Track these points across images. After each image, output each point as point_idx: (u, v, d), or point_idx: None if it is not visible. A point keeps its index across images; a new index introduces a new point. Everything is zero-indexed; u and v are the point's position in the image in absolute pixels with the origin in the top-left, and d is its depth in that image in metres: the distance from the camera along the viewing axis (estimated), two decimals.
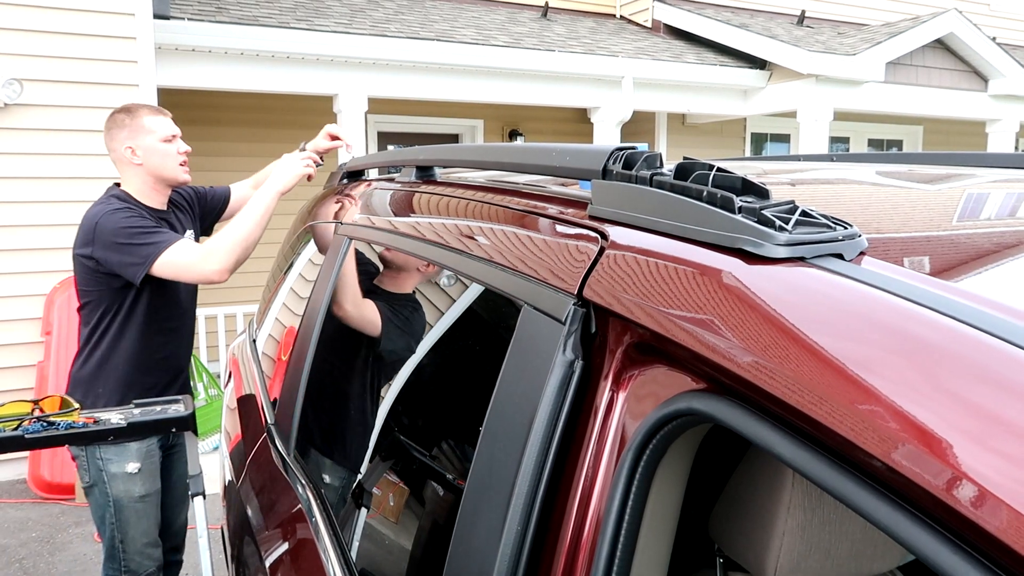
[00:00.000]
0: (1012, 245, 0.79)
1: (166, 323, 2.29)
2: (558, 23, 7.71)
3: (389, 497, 1.29)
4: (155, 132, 2.23)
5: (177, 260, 2.09)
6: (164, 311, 2.27)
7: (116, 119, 2.26)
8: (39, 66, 4.41)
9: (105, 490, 2.18)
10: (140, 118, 2.24)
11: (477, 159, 1.33)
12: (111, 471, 2.16)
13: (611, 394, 0.76)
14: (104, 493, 2.19)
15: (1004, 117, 7.97)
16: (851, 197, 1.19)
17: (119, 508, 2.19)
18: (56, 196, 4.51)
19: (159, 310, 2.25)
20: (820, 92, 6.89)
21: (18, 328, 4.52)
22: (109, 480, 2.17)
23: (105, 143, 2.28)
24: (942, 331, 0.52)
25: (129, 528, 2.21)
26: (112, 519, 2.19)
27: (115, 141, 2.25)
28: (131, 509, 2.20)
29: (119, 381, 2.23)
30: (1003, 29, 9.70)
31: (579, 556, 0.74)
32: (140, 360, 2.24)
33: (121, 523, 2.20)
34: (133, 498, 2.20)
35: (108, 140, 2.27)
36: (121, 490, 2.18)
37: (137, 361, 2.24)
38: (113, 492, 2.18)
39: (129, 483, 2.18)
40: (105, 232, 2.11)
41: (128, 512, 2.20)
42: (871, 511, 0.49)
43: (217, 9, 5.61)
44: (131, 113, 2.25)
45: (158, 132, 2.23)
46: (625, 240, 0.81)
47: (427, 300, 1.33)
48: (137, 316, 2.21)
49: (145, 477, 2.21)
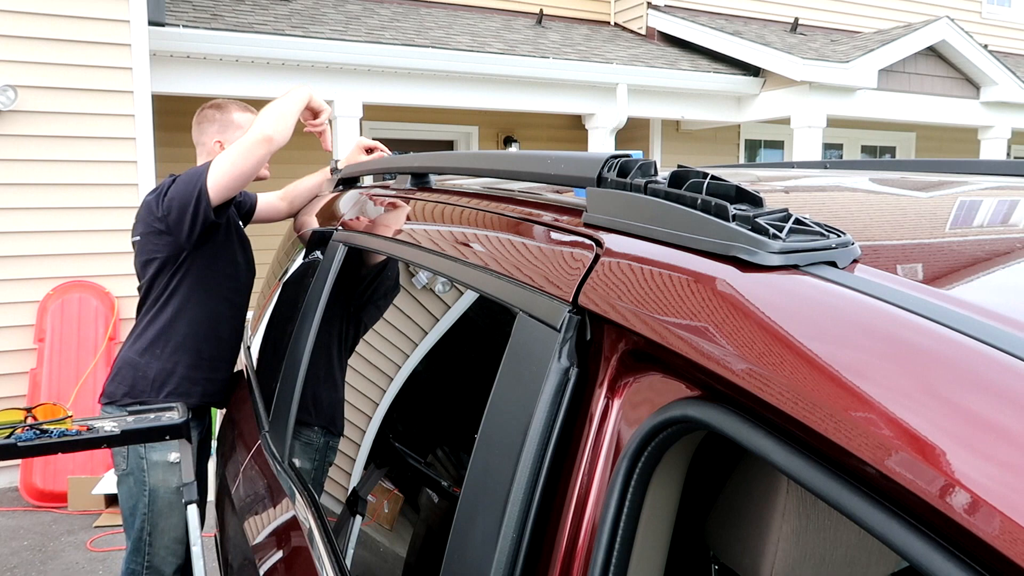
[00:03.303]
0: (1004, 253, 0.80)
1: (230, 295, 2.29)
2: (553, 30, 7.74)
3: (384, 504, 1.28)
4: (243, 127, 2.29)
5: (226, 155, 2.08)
6: (227, 281, 2.27)
7: (206, 114, 2.36)
8: (34, 73, 4.40)
9: (142, 478, 2.17)
10: (230, 114, 2.35)
11: (473, 167, 1.34)
12: (152, 459, 2.15)
13: (606, 401, 0.76)
14: (141, 482, 2.17)
15: (996, 124, 8.02)
16: (844, 205, 1.20)
17: (154, 498, 2.17)
18: (50, 203, 4.50)
19: (219, 275, 2.25)
20: (814, 99, 6.92)
21: (10, 335, 4.50)
22: (148, 468, 2.16)
23: (194, 136, 2.38)
24: (935, 338, 0.52)
25: (160, 520, 2.19)
26: (145, 509, 2.17)
27: (205, 135, 2.34)
28: (165, 500, 2.18)
29: (178, 346, 2.21)
30: (994, 37, 9.77)
31: (575, 563, 0.74)
32: (202, 327, 2.23)
33: (153, 514, 2.18)
34: (170, 489, 2.18)
35: (197, 134, 2.37)
36: (159, 479, 2.17)
37: (199, 326, 2.23)
38: (151, 481, 2.16)
39: (168, 472, 2.17)
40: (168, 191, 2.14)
41: (162, 503, 2.18)
42: (865, 517, 0.50)
43: (212, 16, 5.62)
44: (222, 109, 2.35)
45: (246, 127, 2.26)
46: (620, 248, 0.81)
47: (422, 307, 1.33)
48: (200, 275, 2.20)
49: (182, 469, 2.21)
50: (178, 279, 2.20)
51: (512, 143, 7.96)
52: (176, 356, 2.22)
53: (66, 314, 4.52)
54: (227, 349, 2.33)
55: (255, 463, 1.84)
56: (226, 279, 2.28)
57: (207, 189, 2.05)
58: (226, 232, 2.25)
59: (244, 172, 2.07)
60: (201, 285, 2.22)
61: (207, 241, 2.18)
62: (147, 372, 2.22)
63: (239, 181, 2.08)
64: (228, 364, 2.36)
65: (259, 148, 2.05)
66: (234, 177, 2.06)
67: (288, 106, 2.17)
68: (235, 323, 2.35)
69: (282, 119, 2.12)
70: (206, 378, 2.27)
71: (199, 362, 2.24)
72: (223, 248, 2.25)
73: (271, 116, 2.10)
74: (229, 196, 2.11)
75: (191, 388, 2.24)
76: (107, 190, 4.60)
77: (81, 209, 4.53)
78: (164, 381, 2.21)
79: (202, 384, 2.26)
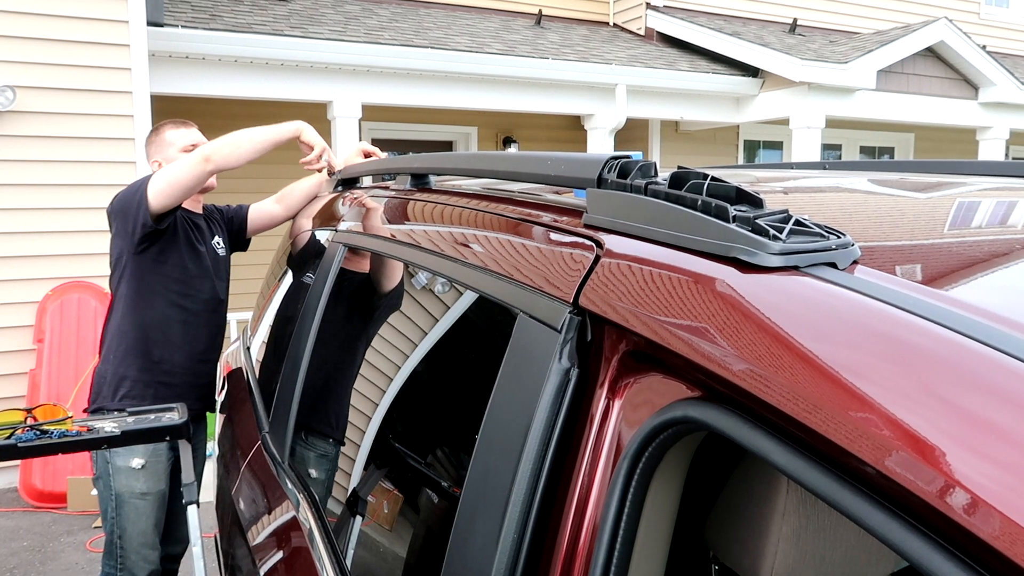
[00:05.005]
0: (1003, 253, 0.80)
1: (180, 300, 2.31)
2: (552, 31, 7.74)
3: (384, 505, 1.28)
4: (175, 144, 2.39)
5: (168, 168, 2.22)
6: (174, 285, 2.30)
7: (147, 140, 2.49)
8: (33, 73, 4.40)
9: (109, 482, 2.23)
10: (163, 134, 2.43)
11: (473, 167, 1.34)
12: (116, 464, 2.22)
13: (607, 402, 0.77)
14: (108, 486, 2.23)
15: (994, 125, 8.03)
16: (844, 206, 1.20)
17: (120, 503, 2.23)
18: (49, 203, 4.50)
19: (166, 278, 2.29)
20: (812, 100, 6.93)
21: (10, 336, 4.50)
22: (113, 473, 2.21)
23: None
24: (934, 339, 0.52)
25: (128, 525, 2.23)
26: (113, 513, 2.23)
27: (148, 160, 2.46)
28: (131, 505, 2.23)
29: (128, 349, 2.26)
30: (992, 38, 9.78)
31: (575, 564, 0.74)
32: (150, 331, 2.27)
33: (120, 518, 2.23)
34: (134, 494, 2.23)
35: (146, 159, 2.48)
36: (123, 484, 2.22)
37: (146, 330, 2.27)
38: (116, 486, 2.22)
39: (132, 478, 2.22)
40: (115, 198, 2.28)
41: (128, 508, 2.23)
42: (865, 518, 0.50)
43: (211, 16, 5.62)
44: (157, 131, 2.46)
45: (178, 144, 2.39)
46: (620, 249, 0.82)
47: (423, 308, 1.33)
48: (144, 278, 2.27)
49: (149, 475, 2.24)
50: (124, 282, 2.27)
51: (511, 144, 7.96)
52: (128, 359, 2.26)
53: (65, 315, 4.52)
54: (181, 355, 2.33)
55: (255, 464, 1.84)
56: (174, 283, 2.30)
57: (147, 197, 2.17)
58: (171, 239, 2.29)
59: (182, 184, 2.19)
60: (147, 288, 2.27)
61: (151, 245, 2.25)
62: (105, 376, 2.28)
63: (178, 191, 2.19)
64: (186, 370, 2.35)
65: (196, 167, 2.17)
66: (173, 186, 2.18)
67: (259, 135, 2.25)
68: (192, 330, 2.35)
69: (234, 147, 2.20)
70: (159, 382, 2.29)
71: (149, 365, 2.27)
72: (169, 254, 2.29)
73: (225, 140, 2.21)
74: (169, 205, 2.20)
75: (144, 391, 2.27)
76: (106, 190, 4.54)
77: (80, 210, 4.53)
78: (118, 385, 2.26)
79: (155, 387, 2.28)
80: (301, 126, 2.34)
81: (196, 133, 2.44)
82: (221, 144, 2.20)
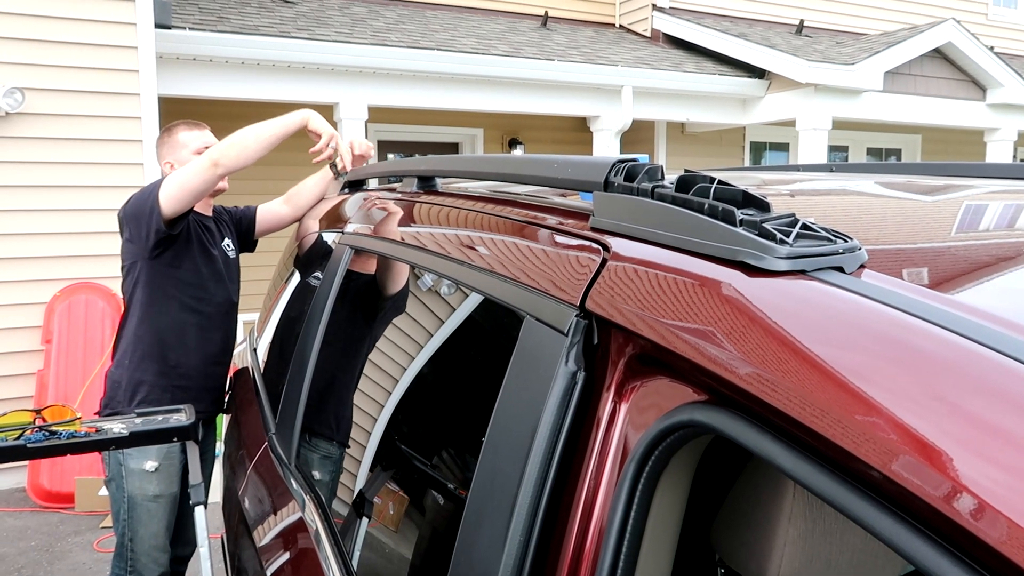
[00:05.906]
0: (1011, 257, 0.80)
1: (195, 304, 2.32)
2: (558, 32, 7.74)
3: (391, 507, 1.29)
4: (188, 146, 2.39)
5: (178, 173, 2.21)
6: (189, 290, 2.31)
7: (159, 140, 2.47)
8: (41, 76, 4.42)
9: (121, 484, 2.23)
10: (176, 135, 2.42)
11: (479, 170, 1.34)
12: (129, 466, 2.22)
13: (613, 405, 0.77)
14: (120, 488, 2.23)
15: (1002, 127, 8.00)
16: (851, 209, 1.20)
17: (132, 505, 2.23)
18: (57, 205, 4.52)
19: (181, 283, 2.29)
20: (819, 101, 6.92)
21: (18, 336, 4.52)
22: (126, 475, 2.22)
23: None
24: (942, 344, 0.52)
25: (139, 527, 2.24)
26: (124, 515, 2.24)
27: (160, 161, 2.45)
28: (143, 508, 2.23)
29: (144, 354, 2.27)
30: (1000, 39, 9.74)
31: (582, 566, 0.74)
32: (167, 336, 2.28)
33: (132, 521, 2.24)
34: (147, 496, 2.23)
35: (157, 160, 2.48)
36: (136, 487, 2.22)
37: (163, 334, 2.28)
38: (128, 488, 2.23)
39: (144, 481, 2.22)
40: (128, 203, 2.27)
41: (140, 510, 2.23)
42: (871, 522, 0.50)
43: (218, 18, 5.64)
44: (169, 132, 2.45)
45: (191, 145, 2.38)
46: (627, 252, 0.82)
47: (429, 310, 1.33)
48: (160, 283, 2.27)
49: (161, 477, 2.25)
50: (139, 287, 2.27)
51: (517, 145, 7.97)
52: (144, 364, 2.27)
53: (73, 315, 4.54)
54: (196, 358, 2.34)
55: (262, 465, 1.85)
56: (189, 287, 2.31)
57: (159, 202, 2.17)
58: (185, 244, 2.30)
59: (193, 189, 2.18)
60: (162, 293, 2.27)
61: (166, 250, 2.26)
62: (120, 381, 2.28)
63: (189, 196, 2.19)
64: (201, 373, 2.36)
65: (206, 171, 2.17)
66: (184, 191, 2.18)
67: (266, 131, 2.24)
68: (206, 333, 2.36)
69: (242, 147, 2.19)
70: (175, 386, 2.30)
71: (166, 369, 2.28)
72: (183, 259, 2.30)
73: (232, 141, 2.20)
74: (181, 210, 2.21)
75: (161, 396, 2.27)
76: (114, 192, 4.61)
77: (87, 211, 4.55)
78: (135, 390, 2.27)
79: (171, 391, 2.29)
80: (308, 114, 2.34)
81: (209, 135, 2.44)
82: (228, 145, 2.19)
